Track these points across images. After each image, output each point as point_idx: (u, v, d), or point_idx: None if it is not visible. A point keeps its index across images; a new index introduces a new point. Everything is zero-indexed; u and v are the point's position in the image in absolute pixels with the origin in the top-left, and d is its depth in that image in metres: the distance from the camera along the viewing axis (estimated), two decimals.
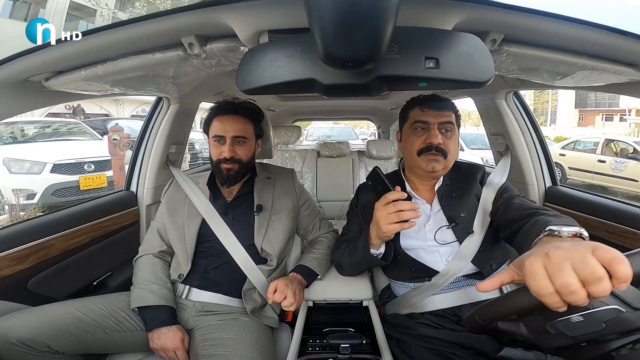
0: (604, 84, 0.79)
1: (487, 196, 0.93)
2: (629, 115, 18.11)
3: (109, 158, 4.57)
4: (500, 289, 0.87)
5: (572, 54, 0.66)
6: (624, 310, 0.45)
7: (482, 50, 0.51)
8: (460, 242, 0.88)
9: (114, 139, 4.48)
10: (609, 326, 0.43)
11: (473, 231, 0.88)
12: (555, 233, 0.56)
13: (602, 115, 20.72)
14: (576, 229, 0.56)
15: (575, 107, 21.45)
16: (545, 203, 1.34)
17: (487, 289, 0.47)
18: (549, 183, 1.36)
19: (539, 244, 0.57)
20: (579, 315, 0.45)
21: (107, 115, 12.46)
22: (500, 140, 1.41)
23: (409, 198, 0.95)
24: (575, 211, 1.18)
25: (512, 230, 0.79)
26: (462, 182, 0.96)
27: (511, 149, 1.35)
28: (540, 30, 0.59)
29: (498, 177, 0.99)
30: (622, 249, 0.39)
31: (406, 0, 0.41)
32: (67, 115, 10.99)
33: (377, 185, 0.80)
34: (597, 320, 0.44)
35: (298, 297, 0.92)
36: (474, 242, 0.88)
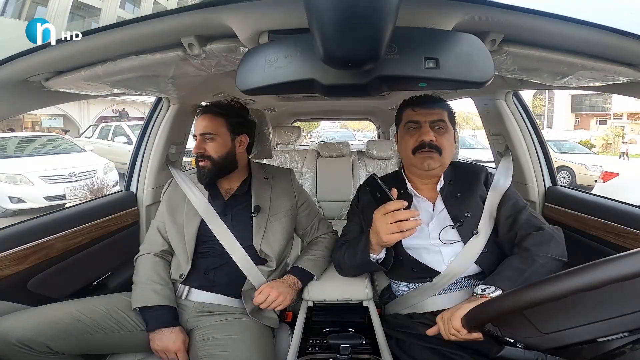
0: (604, 84, 0.78)
1: (493, 200, 0.93)
2: (612, 119, 18.91)
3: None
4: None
5: (572, 54, 0.66)
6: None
7: (482, 51, 0.51)
8: (465, 243, 0.88)
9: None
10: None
11: (478, 232, 0.88)
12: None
13: (597, 118, 20.81)
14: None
15: (571, 111, 21.57)
16: (545, 203, 1.34)
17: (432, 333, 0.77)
18: (548, 183, 1.36)
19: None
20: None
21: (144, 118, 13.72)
22: (500, 141, 1.40)
23: (410, 197, 0.95)
24: (574, 211, 1.18)
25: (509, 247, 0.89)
26: (465, 182, 0.96)
27: (511, 149, 1.35)
28: (540, 30, 0.59)
29: (502, 179, 0.99)
30: (622, 249, 0.39)
31: (406, 1, 0.41)
32: (113, 119, 12.30)
33: (376, 192, 0.79)
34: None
35: (283, 297, 0.93)
36: (478, 242, 0.88)
